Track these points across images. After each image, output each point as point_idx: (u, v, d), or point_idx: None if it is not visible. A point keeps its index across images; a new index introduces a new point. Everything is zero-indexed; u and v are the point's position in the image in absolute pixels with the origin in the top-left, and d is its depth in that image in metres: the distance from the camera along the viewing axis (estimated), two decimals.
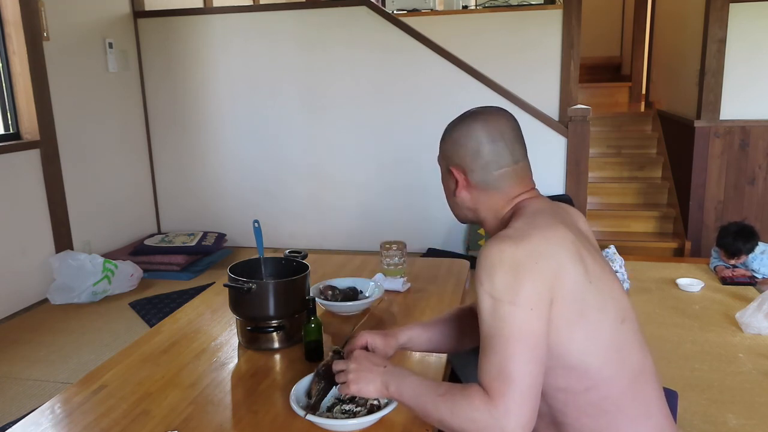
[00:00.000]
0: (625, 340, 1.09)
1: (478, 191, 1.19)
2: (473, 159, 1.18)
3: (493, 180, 1.18)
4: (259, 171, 4.42)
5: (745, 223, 3.57)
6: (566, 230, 1.09)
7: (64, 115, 3.66)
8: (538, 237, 1.05)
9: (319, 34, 4.13)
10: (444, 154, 1.23)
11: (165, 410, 1.32)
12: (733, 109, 4.11)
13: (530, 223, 1.09)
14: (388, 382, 1.13)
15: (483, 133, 1.17)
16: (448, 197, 1.27)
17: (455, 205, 1.25)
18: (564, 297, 1.03)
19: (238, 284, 1.58)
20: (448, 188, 1.24)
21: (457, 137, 1.20)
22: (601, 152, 5.08)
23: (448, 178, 1.23)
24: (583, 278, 1.05)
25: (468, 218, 1.26)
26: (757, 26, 4.00)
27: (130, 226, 4.32)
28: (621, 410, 1.08)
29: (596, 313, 1.06)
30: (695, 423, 2.14)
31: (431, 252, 4.04)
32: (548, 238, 1.05)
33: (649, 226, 4.53)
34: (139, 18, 4.31)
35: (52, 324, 3.19)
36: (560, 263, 1.03)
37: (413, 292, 2.02)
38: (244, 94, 4.33)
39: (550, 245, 1.04)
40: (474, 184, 1.19)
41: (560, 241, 1.06)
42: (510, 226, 1.11)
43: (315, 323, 1.52)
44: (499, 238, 1.06)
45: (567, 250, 1.05)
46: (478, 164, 1.18)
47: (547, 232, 1.07)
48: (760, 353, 2.65)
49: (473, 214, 1.23)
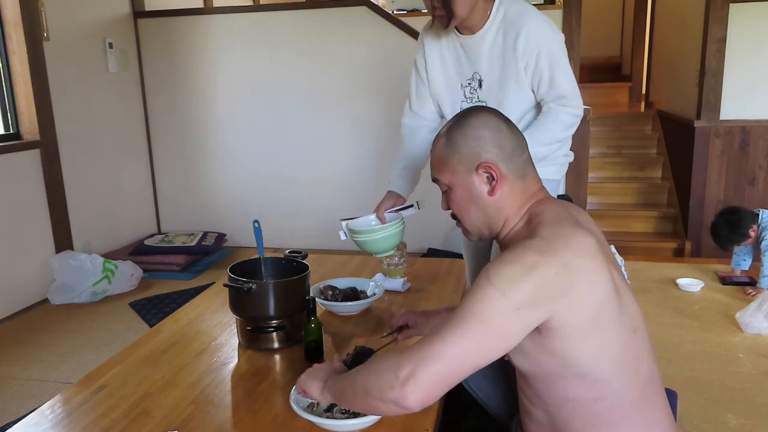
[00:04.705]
0: (636, 350, 1.07)
1: (512, 182, 1.13)
2: (500, 148, 1.13)
3: (522, 166, 1.15)
4: (259, 171, 4.42)
5: (718, 219, 3.36)
6: (591, 237, 1.05)
7: (64, 115, 3.66)
8: (565, 248, 1.00)
9: (320, 35, 4.13)
10: (462, 158, 1.14)
11: (165, 410, 1.32)
12: (733, 109, 4.11)
13: (556, 231, 1.04)
14: (325, 381, 1.18)
15: (491, 124, 1.15)
16: (472, 206, 1.17)
17: (482, 213, 1.16)
18: (582, 309, 0.99)
19: (238, 284, 1.58)
20: (477, 194, 1.15)
21: (472, 134, 1.14)
22: (601, 152, 5.08)
23: (473, 183, 1.14)
24: (610, 289, 1.02)
25: (489, 226, 1.18)
26: (757, 26, 4.00)
27: (130, 226, 4.31)
28: (628, 420, 1.06)
29: (612, 322, 1.03)
30: (695, 423, 2.14)
31: (431, 252, 4.04)
32: (575, 250, 1.01)
33: (649, 226, 4.53)
34: (139, 18, 4.31)
35: (52, 324, 3.19)
36: (586, 276, 1.00)
37: (413, 292, 2.02)
38: (244, 94, 4.33)
39: (576, 256, 1.00)
40: (508, 175, 1.13)
41: (587, 250, 1.02)
42: (535, 235, 1.04)
43: (315, 323, 1.52)
44: (526, 247, 1.01)
45: (595, 260, 1.02)
46: (506, 152, 1.13)
47: (573, 241, 1.02)
48: (760, 353, 2.64)
49: (497, 216, 1.15)
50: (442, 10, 1.68)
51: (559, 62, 1.73)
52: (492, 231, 1.18)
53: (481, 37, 1.77)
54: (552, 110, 1.77)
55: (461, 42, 1.82)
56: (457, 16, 1.68)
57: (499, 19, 1.74)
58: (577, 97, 1.77)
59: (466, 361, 0.97)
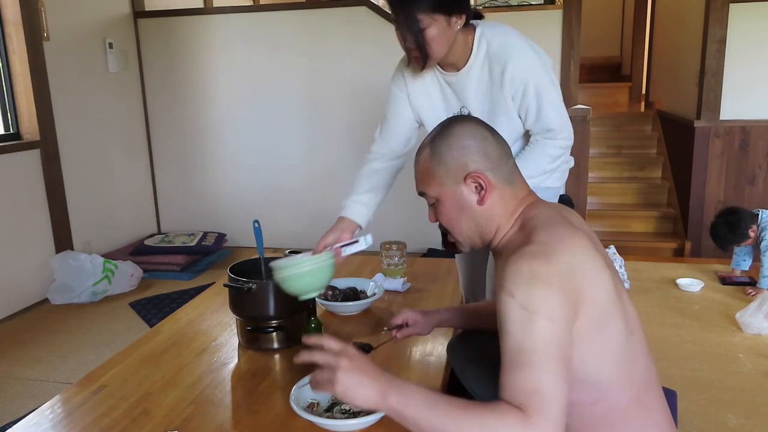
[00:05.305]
0: (633, 351, 1.07)
1: (501, 189, 1.13)
2: (486, 156, 1.12)
3: (509, 173, 1.14)
4: (259, 171, 4.42)
5: (718, 220, 3.36)
6: (586, 238, 1.05)
7: (64, 115, 3.66)
8: (566, 252, 1.00)
9: (320, 35, 4.13)
10: (449, 170, 1.13)
11: (165, 410, 1.32)
12: (733, 109, 4.11)
13: (552, 234, 1.03)
14: (387, 390, 0.94)
15: (476, 132, 1.14)
16: (462, 217, 1.15)
17: (474, 223, 1.15)
18: (588, 311, 0.99)
19: (238, 284, 1.58)
20: (466, 205, 1.14)
21: (457, 144, 1.13)
22: (601, 152, 5.08)
23: (462, 194, 1.13)
24: (612, 290, 1.02)
25: (481, 236, 1.17)
26: (757, 26, 4.00)
27: (130, 226, 4.31)
28: (626, 420, 1.06)
29: (613, 324, 1.03)
30: (695, 423, 2.14)
31: (431, 252, 4.03)
32: (575, 253, 1.01)
33: (649, 226, 4.53)
34: (139, 18, 4.31)
35: (52, 324, 3.19)
36: (589, 278, 1.00)
37: (413, 292, 2.02)
38: (244, 94, 4.33)
39: (578, 259, 1.00)
40: (496, 183, 1.12)
41: (586, 252, 1.02)
42: (532, 240, 1.03)
43: (315, 323, 1.52)
44: (529, 255, 0.99)
45: (593, 262, 1.02)
46: (492, 160, 1.12)
47: (571, 244, 1.02)
48: (760, 353, 2.64)
49: (488, 225, 1.14)
50: (417, 52, 1.58)
51: (547, 93, 1.66)
52: (484, 240, 1.17)
53: (466, 74, 1.69)
54: (539, 143, 1.72)
55: (445, 79, 1.74)
56: (434, 57, 1.60)
57: (483, 54, 1.66)
58: (564, 128, 1.71)
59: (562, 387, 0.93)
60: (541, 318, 0.93)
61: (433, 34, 1.55)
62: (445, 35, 1.57)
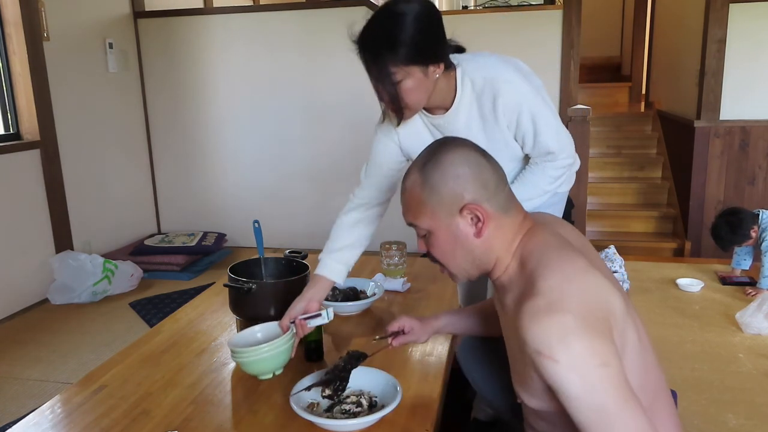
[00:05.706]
0: (645, 360, 1.03)
1: (498, 220, 1.06)
2: (483, 186, 1.04)
3: (505, 200, 1.07)
4: (259, 171, 4.42)
5: (719, 220, 3.34)
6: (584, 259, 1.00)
7: (64, 115, 3.66)
8: (576, 289, 0.95)
9: (320, 35, 4.13)
10: (443, 201, 1.05)
11: (165, 410, 1.32)
12: (733, 110, 4.11)
13: (555, 273, 0.97)
14: None
15: (470, 159, 1.06)
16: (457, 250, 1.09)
17: (470, 255, 1.08)
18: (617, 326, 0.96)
19: (238, 284, 1.58)
20: (462, 237, 1.07)
21: (451, 173, 1.04)
22: (601, 152, 5.08)
23: (457, 227, 1.06)
24: (622, 302, 0.99)
25: (478, 268, 1.11)
26: (757, 26, 4.00)
27: (130, 226, 4.31)
28: None
29: (628, 335, 0.98)
30: (695, 423, 2.14)
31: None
32: (583, 281, 0.96)
33: (649, 226, 4.53)
34: (139, 18, 4.31)
35: (52, 324, 3.19)
36: (604, 297, 0.96)
37: (413, 292, 2.02)
38: (245, 94, 4.33)
39: (588, 286, 0.96)
40: (493, 213, 1.05)
41: (590, 274, 0.98)
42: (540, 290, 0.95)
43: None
44: (546, 311, 0.92)
45: (606, 288, 0.97)
46: (489, 189, 1.05)
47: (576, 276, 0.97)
48: (760, 353, 2.64)
49: (486, 257, 1.08)
50: (393, 105, 1.48)
51: (542, 117, 1.59)
52: (482, 271, 1.12)
53: (454, 115, 1.60)
54: (538, 165, 1.67)
55: (432, 122, 1.65)
56: (412, 108, 1.49)
57: (469, 92, 1.57)
58: (564, 149, 1.64)
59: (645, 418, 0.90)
60: (596, 368, 0.88)
61: (409, 87, 1.44)
62: (423, 86, 1.47)
